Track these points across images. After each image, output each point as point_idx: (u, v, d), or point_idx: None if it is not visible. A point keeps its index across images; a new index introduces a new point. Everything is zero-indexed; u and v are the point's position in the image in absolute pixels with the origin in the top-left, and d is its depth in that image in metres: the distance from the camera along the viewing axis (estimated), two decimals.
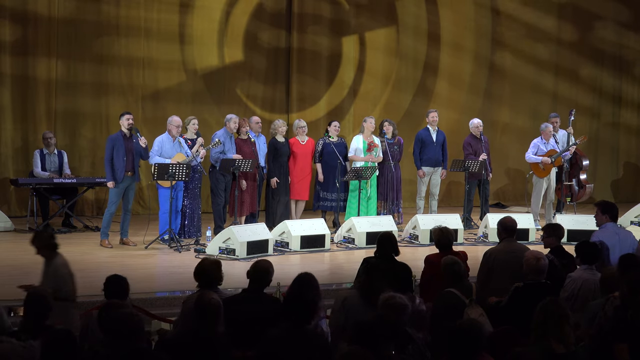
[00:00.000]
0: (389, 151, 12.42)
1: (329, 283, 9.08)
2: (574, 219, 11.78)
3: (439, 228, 7.57)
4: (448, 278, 6.35)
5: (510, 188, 16.30)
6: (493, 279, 7.34)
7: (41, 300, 5.33)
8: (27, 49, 12.99)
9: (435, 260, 7.31)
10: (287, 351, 4.98)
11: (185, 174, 10.63)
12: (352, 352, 4.37)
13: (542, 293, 5.82)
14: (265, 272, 6.03)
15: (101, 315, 5.00)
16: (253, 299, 5.89)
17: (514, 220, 7.75)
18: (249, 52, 14.42)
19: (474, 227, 12.59)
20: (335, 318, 6.04)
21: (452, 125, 15.06)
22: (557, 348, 4.76)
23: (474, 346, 4.64)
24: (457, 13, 15.88)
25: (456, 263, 6.44)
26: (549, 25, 16.59)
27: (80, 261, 9.89)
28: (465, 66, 16.05)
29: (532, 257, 6.42)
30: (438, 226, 7.67)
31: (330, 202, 12.41)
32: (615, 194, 16.62)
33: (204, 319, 5.08)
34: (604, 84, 17.07)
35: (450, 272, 6.38)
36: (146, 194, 13.56)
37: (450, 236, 7.50)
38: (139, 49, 13.68)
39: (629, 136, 17.36)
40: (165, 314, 7.48)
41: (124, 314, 4.83)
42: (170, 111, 12.59)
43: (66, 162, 12.25)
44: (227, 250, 10.10)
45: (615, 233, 8.03)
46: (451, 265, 6.42)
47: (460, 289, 6.25)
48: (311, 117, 14.43)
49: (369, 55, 15.28)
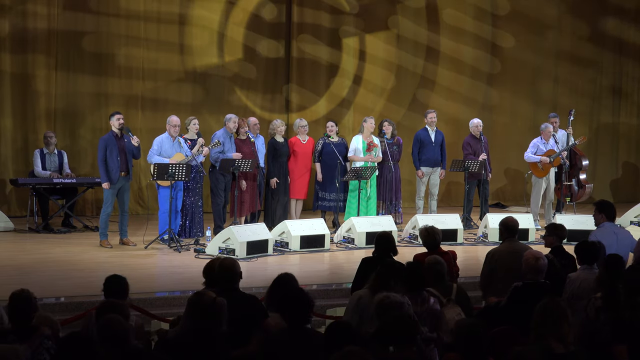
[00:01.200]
0: (389, 151, 12.43)
1: (329, 283, 9.09)
2: (574, 219, 11.77)
3: (425, 228, 7.56)
4: (429, 277, 6.35)
5: (510, 188, 16.30)
6: (496, 279, 7.33)
7: (26, 300, 5.26)
8: (27, 49, 12.99)
9: (422, 259, 7.31)
10: (287, 351, 4.98)
11: (185, 174, 10.63)
12: (350, 351, 4.37)
13: (541, 293, 5.82)
14: (232, 269, 5.98)
15: (99, 315, 5.00)
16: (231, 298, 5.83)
17: (515, 220, 7.74)
18: (247, 61, 14.42)
19: (474, 227, 12.60)
20: (349, 317, 6.04)
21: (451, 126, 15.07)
22: (556, 348, 4.76)
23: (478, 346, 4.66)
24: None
25: (439, 263, 6.46)
26: (549, 26, 16.59)
27: (80, 261, 9.92)
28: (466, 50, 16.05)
29: (532, 256, 6.42)
30: (425, 226, 7.66)
31: (330, 202, 12.42)
32: (614, 194, 16.61)
33: (210, 318, 5.06)
34: (604, 82, 17.06)
35: (432, 271, 6.39)
36: (145, 194, 13.56)
37: (438, 236, 7.49)
38: (139, 49, 13.67)
39: (628, 136, 17.35)
40: (165, 314, 7.49)
41: (108, 319, 4.81)
42: (170, 112, 12.58)
43: (66, 162, 12.25)
44: (226, 250, 10.10)
45: (613, 232, 8.02)
46: (434, 265, 6.44)
47: (439, 288, 6.26)
48: (311, 117, 14.43)
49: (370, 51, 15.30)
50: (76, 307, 7.74)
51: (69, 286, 8.51)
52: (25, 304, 5.24)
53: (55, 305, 7.84)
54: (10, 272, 9.17)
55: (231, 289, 5.89)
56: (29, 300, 5.26)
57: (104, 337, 4.73)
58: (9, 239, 11.37)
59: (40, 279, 8.80)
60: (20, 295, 5.28)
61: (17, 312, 5.22)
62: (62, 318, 6.95)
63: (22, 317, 5.20)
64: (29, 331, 5.09)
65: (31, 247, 10.75)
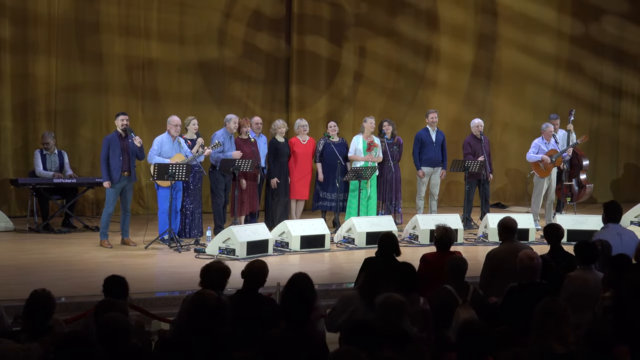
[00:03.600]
0: (389, 151, 12.42)
1: (329, 283, 9.08)
2: (574, 219, 11.77)
3: (444, 227, 7.49)
4: (450, 274, 6.35)
5: (510, 188, 16.30)
6: (496, 279, 7.32)
7: (45, 299, 5.28)
8: (27, 48, 12.99)
9: (431, 259, 7.30)
10: (286, 351, 4.98)
11: (185, 174, 10.63)
12: (345, 351, 4.37)
13: (537, 293, 5.82)
14: (260, 272, 6.02)
15: (97, 314, 4.99)
16: (248, 300, 5.88)
17: (514, 220, 7.74)
18: (248, 56, 14.42)
19: (474, 227, 12.59)
20: (336, 315, 6.04)
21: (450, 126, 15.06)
22: (557, 348, 4.75)
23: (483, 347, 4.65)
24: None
25: (464, 262, 6.49)
26: (549, 26, 16.58)
27: (80, 261, 9.92)
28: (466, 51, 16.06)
29: (526, 257, 6.40)
30: (442, 224, 7.59)
31: (330, 202, 12.42)
32: (615, 194, 16.60)
33: (214, 318, 5.06)
34: (604, 81, 17.07)
35: (455, 268, 6.39)
36: (146, 194, 13.57)
37: (452, 236, 7.48)
38: (138, 49, 13.68)
39: (629, 135, 17.35)
40: (164, 314, 7.48)
41: (109, 316, 4.81)
42: (170, 111, 12.60)
43: (67, 162, 12.25)
44: (227, 250, 10.10)
45: (618, 233, 8.00)
46: (459, 264, 6.46)
47: (457, 286, 6.26)
48: (312, 115, 14.43)
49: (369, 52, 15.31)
50: (76, 307, 7.73)
51: (69, 286, 8.50)
52: (44, 304, 5.26)
53: (55, 305, 7.82)
54: (10, 272, 9.17)
55: (254, 289, 5.96)
56: (48, 301, 5.28)
57: (106, 334, 4.72)
58: (9, 239, 11.36)
59: (40, 279, 8.79)
60: (40, 295, 5.29)
61: (35, 312, 5.23)
62: (62, 318, 6.93)
63: (39, 317, 5.22)
64: (43, 331, 5.09)
65: (31, 247, 10.75)
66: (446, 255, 7.19)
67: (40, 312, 5.24)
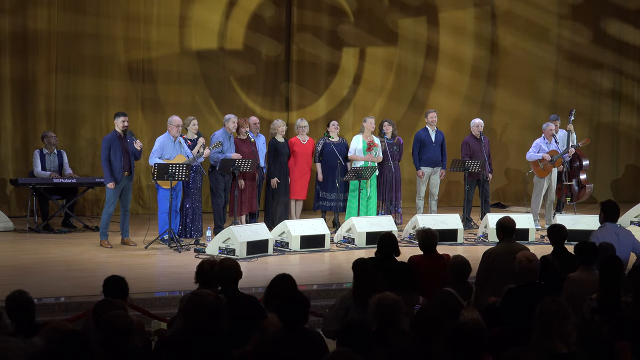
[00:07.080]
0: (389, 151, 12.42)
1: (329, 283, 9.09)
2: (574, 219, 11.76)
3: (423, 230, 7.52)
4: (452, 276, 6.34)
5: (510, 188, 16.29)
6: (493, 279, 7.33)
7: (22, 300, 5.25)
8: (27, 49, 12.99)
9: (418, 261, 7.29)
10: (285, 352, 4.98)
11: (185, 174, 10.62)
12: (340, 352, 4.37)
13: (536, 294, 5.81)
14: (234, 269, 5.97)
15: (96, 313, 4.99)
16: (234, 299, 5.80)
17: (512, 220, 7.75)
18: (248, 60, 14.42)
19: (474, 227, 12.59)
20: (333, 315, 6.04)
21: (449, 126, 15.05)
22: (559, 348, 4.75)
23: (477, 346, 4.64)
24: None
25: (467, 265, 6.45)
26: (550, 26, 16.58)
27: (80, 261, 9.92)
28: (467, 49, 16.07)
29: (524, 258, 6.38)
30: (422, 228, 7.65)
31: (330, 202, 12.42)
32: (615, 194, 16.59)
33: (211, 317, 5.05)
34: (604, 81, 17.06)
35: (457, 270, 6.39)
36: (146, 194, 13.56)
37: (435, 238, 7.44)
38: (139, 49, 13.67)
39: (629, 136, 17.34)
40: (164, 314, 7.48)
41: (112, 314, 4.81)
42: (170, 111, 12.59)
43: (66, 162, 12.24)
44: (227, 250, 10.10)
45: (615, 233, 8.00)
46: (459, 265, 6.43)
47: (459, 289, 6.26)
48: (311, 116, 14.42)
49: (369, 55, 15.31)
50: (76, 307, 7.74)
51: (68, 286, 8.51)
52: (22, 304, 5.24)
53: (55, 305, 7.84)
54: (10, 272, 9.17)
55: (231, 289, 5.89)
56: (24, 299, 5.26)
57: (109, 331, 4.72)
58: (9, 239, 11.36)
59: (40, 279, 8.80)
60: (15, 296, 5.27)
61: (17, 313, 5.21)
62: (62, 318, 6.94)
63: (24, 317, 5.20)
64: (32, 331, 5.08)
65: (31, 247, 10.75)
66: (433, 257, 7.23)
67: (19, 313, 5.22)
